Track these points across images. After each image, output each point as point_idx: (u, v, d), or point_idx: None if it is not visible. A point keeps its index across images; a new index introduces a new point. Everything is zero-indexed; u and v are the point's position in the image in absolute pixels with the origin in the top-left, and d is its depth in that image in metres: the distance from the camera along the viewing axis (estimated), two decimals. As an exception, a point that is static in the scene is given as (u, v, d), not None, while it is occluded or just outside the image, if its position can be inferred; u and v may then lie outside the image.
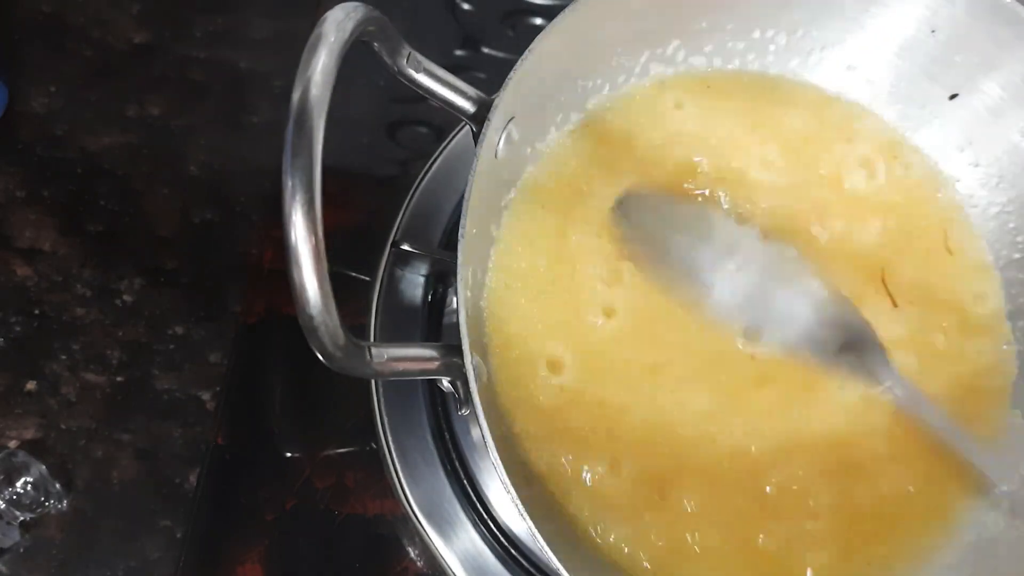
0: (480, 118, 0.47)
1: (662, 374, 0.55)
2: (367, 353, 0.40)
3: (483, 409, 0.42)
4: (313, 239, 0.34)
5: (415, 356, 0.44)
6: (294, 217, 0.34)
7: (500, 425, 0.52)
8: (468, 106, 0.49)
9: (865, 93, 0.65)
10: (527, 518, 0.42)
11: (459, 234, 0.44)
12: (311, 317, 0.35)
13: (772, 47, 0.64)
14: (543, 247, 0.57)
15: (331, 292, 0.35)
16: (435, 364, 0.44)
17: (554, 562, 0.42)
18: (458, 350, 0.43)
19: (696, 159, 0.61)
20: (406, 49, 0.45)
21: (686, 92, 0.63)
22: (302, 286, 0.35)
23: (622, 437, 0.53)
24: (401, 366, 0.42)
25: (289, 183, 0.34)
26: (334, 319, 0.36)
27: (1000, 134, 0.61)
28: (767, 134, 0.63)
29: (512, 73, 0.47)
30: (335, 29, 0.37)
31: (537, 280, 0.56)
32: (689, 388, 0.55)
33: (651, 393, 0.55)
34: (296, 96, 0.35)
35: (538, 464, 0.53)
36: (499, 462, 0.42)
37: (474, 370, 0.43)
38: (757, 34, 0.63)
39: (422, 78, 0.47)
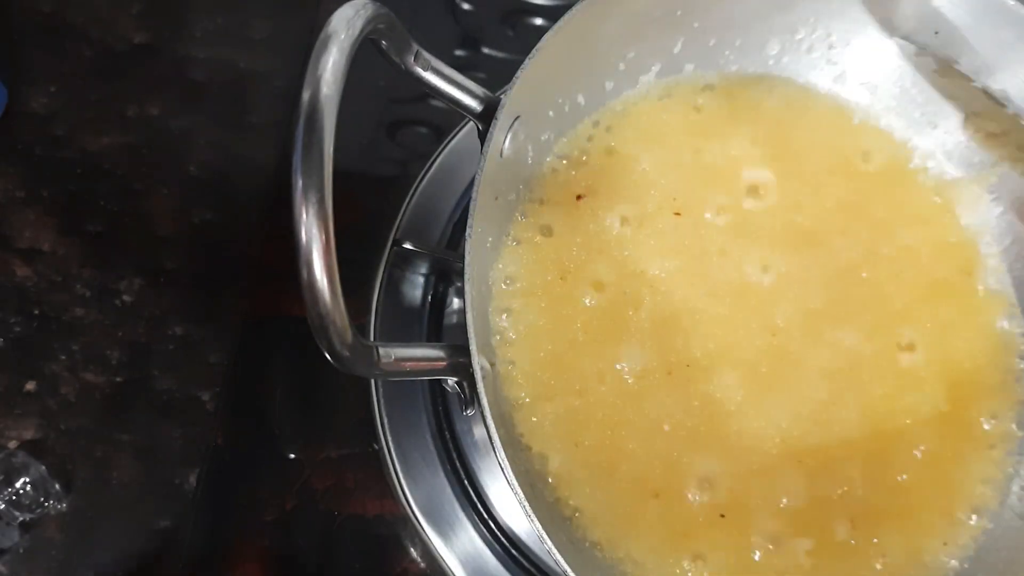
0: (487, 117, 0.47)
1: (672, 368, 0.56)
2: (375, 353, 0.40)
3: (490, 409, 0.42)
4: (324, 238, 0.34)
5: (422, 356, 0.44)
6: (305, 216, 0.34)
7: (505, 425, 0.52)
8: (475, 105, 0.49)
9: (866, 95, 0.65)
10: (533, 519, 0.42)
11: (466, 233, 0.44)
12: (321, 316, 0.35)
13: (775, 49, 0.64)
14: (546, 248, 0.57)
15: (340, 291, 0.35)
16: (442, 364, 0.44)
17: (561, 563, 0.42)
18: (465, 350, 0.43)
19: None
20: (414, 47, 0.45)
21: (690, 96, 0.63)
22: (312, 285, 0.34)
23: (626, 438, 0.54)
24: (408, 366, 0.42)
25: (300, 182, 0.34)
26: (343, 318, 0.36)
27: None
28: (770, 140, 0.63)
29: (520, 71, 0.47)
30: (345, 27, 0.37)
31: (540, 279, 0.56)
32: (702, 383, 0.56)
33: (656, 390, 0.55)
34: (307, 94, 0.35)
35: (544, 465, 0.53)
36: (506, 462, 0.42)
37: (481, 370, 0.43)
38: (760, 36, 0.63)
39: (430, 76, 0.47)
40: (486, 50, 0.84)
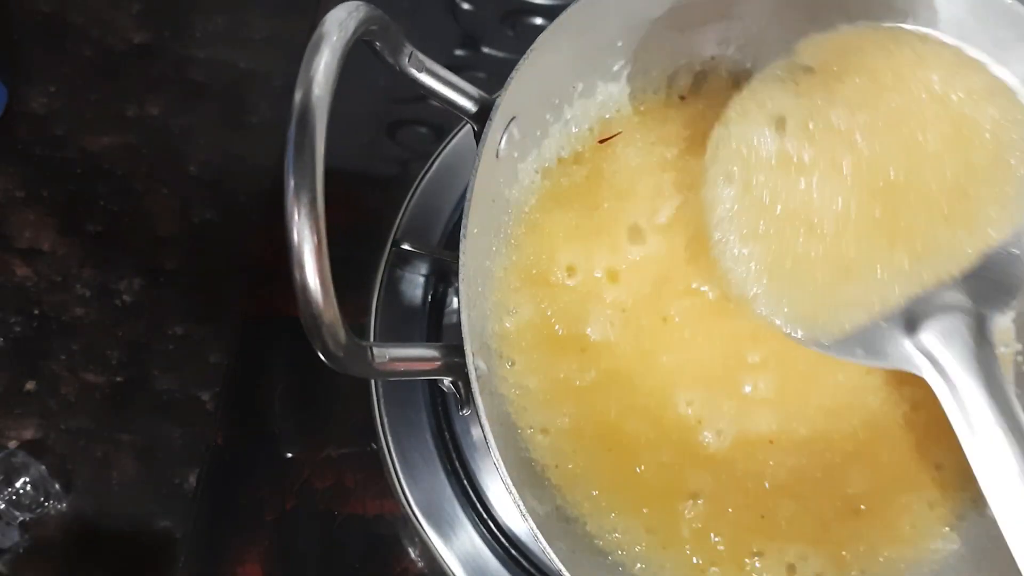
0: (482, 118, 0.47)
1: (666, 369, 0.55)
2: (369, 353, 0.40)
3: (485, 409, 0.42)
4: (315, 238, 0.34)
5: (417, 356, 0.44)
6: (296, 216, 0.34)
7: (503, 425, 0.52)
8: (470, 106, 0.49)
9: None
10: (528, 519, 0.42)
11: (461, 234, 0.44)
12: (313, 316, 0.35)
13: (771, 47, 0.64)
14: (544, 247, 0.57)
15: (333, 291, 0.35)
16: (437, 364, 0.44)
17: (556, 562, 0.42)
18: (460, 350, 0.43)
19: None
20: (408, 48, 0.45)
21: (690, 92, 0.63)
22: (304, 285, 0.34)
23: (625, 434, 0.53)
24: (403, 366, 0.42)
25: (292, 182, 0.34)
26: (336, 318, 0.36)
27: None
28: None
29: (514, 72, 0.47)
30: (337, 28, 0.37)
31: (538, 279, 0.56)
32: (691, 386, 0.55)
33: (652, 388, 0.55)
34: (299, 95, 0.35)
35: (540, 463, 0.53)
36: (501, 462, 0.42)
37: (476, 370, 0.43)
38: (754, 33, 0.63)
39: (424, 78, 0.47)
40: (486, 50, 0.84)
